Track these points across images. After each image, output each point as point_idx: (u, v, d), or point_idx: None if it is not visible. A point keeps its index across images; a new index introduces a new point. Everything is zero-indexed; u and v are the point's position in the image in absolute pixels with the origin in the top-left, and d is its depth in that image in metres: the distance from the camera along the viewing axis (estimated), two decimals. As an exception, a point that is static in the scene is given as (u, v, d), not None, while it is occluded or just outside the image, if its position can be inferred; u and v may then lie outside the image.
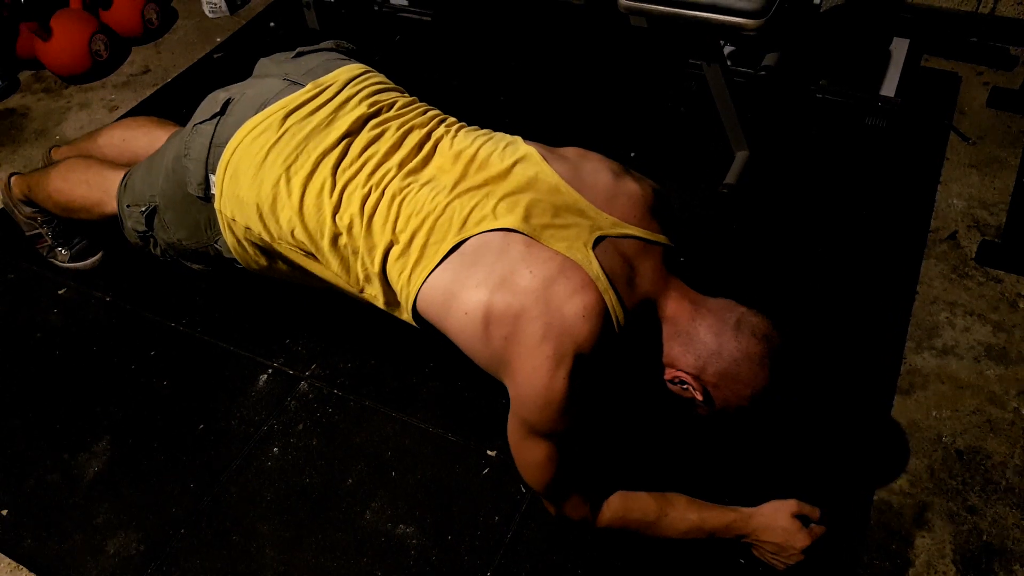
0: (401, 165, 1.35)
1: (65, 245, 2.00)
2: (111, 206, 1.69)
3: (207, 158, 1.44)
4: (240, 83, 1.54)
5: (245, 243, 1.45)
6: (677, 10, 1.75)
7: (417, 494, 1.54)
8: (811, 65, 2.37)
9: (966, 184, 2.08)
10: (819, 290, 1.84)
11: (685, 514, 1.36)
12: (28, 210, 1.94)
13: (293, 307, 1.86)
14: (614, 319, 1.20)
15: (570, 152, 1.38)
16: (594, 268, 1.20)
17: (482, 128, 1.47)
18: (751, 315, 1.24)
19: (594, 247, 1.22)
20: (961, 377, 1.67)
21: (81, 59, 2.64)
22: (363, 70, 1.52)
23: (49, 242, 1.99)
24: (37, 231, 1.97)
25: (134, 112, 2.53)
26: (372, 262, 1.31)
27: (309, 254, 1.38)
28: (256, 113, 1.42)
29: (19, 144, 2.47)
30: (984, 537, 1.44)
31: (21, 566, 1.49)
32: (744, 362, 1.21)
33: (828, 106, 2.29)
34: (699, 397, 1.24)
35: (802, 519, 1.35)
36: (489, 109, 2.40)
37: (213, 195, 1.45)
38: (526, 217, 1.24)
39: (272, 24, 2.90)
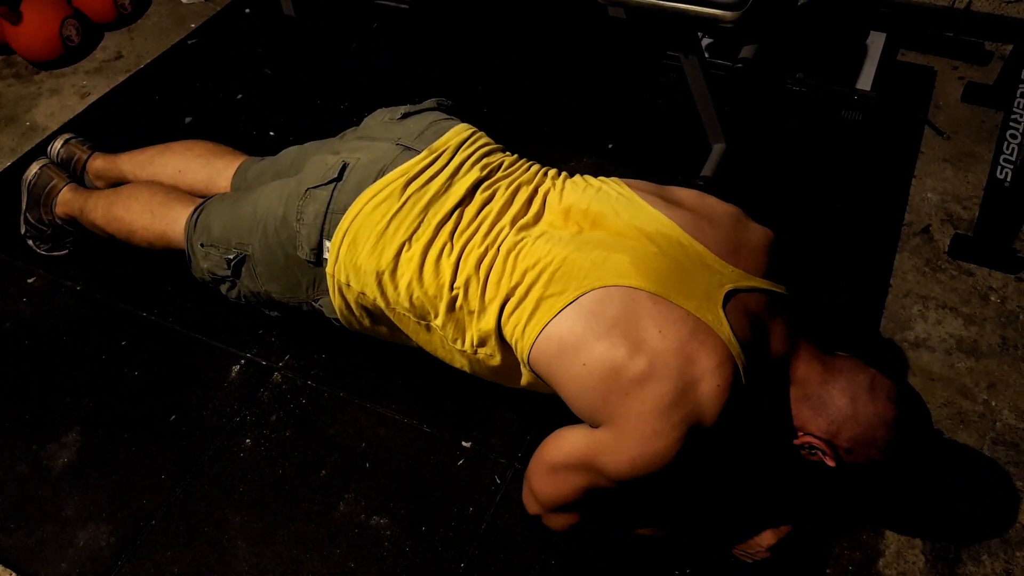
0: (514, 221, 1.34)
1: (51, 240, 1.96)
2: (175, 240, 1.68)
3: (323, 224, 1.43)
4: (346, 142, 1.55)
5: (354, 306, 1.45)
6: (655, 1, 1.74)
7: (391, 485, 1.53)
8: (788, 58, 2.37)
9: (940, 178, 2.10)
10: (793, 282, 1.84)
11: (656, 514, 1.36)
12: (59, 222, 1.90)
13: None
14: (743, 385, 1.16)
15: (684, 195, 1.35)
16: (725, 331, 1.15)
17: (584, 175, 1.45)
18: (882, 377, 1.20)
19: (723, 304, 1.17)
20: (933, 370, 1.69)
21: (52, 44, 2.59)
22: (471, 131, 1.53)
23: (42, 237, 1.95)
24: (43, 229, 1.93)
25: (108, 99, 2.49)
26: (488, 319, 1.29)
27: (422, 319, 1.37)
28: (375, 180, 1.42)
29: (-12, 130, 2.43)
30: (954, 527, 1.46)
31: (-12, 558, 1.48)
32: (881, 427, 1.17)
33: (804, 99, 2.30)
34: (831, 464, 1.20)
35: (769, 516, 1.36)
36: (467, 99, 2.39)
37: (325, 259, 1.44)
38: (650, 274, 1.19)
39: (247, 11, 2.86)
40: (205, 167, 1.82)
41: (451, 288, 1.32)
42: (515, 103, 2.39)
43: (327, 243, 1.43)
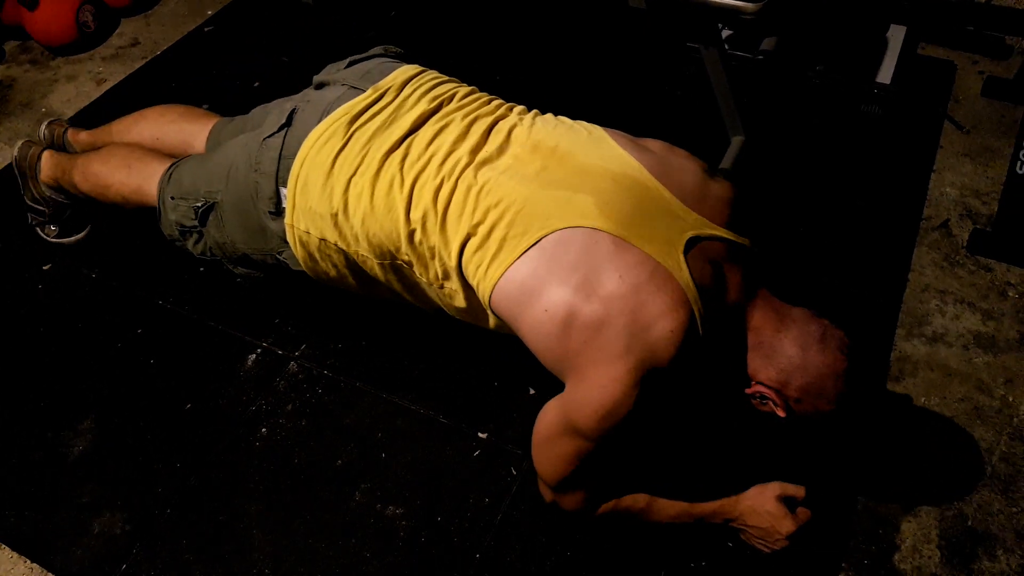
0: (473, 153, 1.31)
1: (58, 223, 1.97)
2: (149, 195, 1.67)
3: (277, 171, 1.42)
4: (301, 92, 1.55)
5: (318, 255, 1.43)
6: (676, -8, 1.74)
7: (407, 476, 1.53)
8: (808, 51, 2.36)
9: (959, 173, 2.09)
10: (811, 276, 1.84)
11: (673, 500, 1.36)
12: (48, 191, 1.91)
13: (283, 287, 1.84)
14: (699, 331, 1.16)
15: (654, 145, 1.34)
16: (684, 276, 1.15)
17: (557, 115, 1.43)
18: (834, 328, 1.21)
19: (684, 250, 1.18)
20: (950, 365, 1.68)
21: (68, 30, 2.59)
22: (419, 70, 1.52)
23: (44, 219, 1.96)
24: (40, 208, 1.94)
25: (124, 86, 2.49)
26: (449, 256, 1.28)
27: (383, 259, 1.36)
28: (319, 121, 1.41)
29: (4, 116, 2.43)
30: (969, 522, 1.45)
31: (3, 544, 1.48)
32: (830, 378, 1.18)
33: (824, 92, 2.28)
34: (781, 413, 1.21)
35: (788, 501, 1.35)
36: (484, 88, 2.37)
37: (284, 209, 1.43)
38: (614, 216, 1.19)
39: (264, -2, 2.86)
40: (179, 132, 1.85)
41: (407, 221, 1.29)
42: (533, 93, 2.37)
43: (283, 191, 1.42)
